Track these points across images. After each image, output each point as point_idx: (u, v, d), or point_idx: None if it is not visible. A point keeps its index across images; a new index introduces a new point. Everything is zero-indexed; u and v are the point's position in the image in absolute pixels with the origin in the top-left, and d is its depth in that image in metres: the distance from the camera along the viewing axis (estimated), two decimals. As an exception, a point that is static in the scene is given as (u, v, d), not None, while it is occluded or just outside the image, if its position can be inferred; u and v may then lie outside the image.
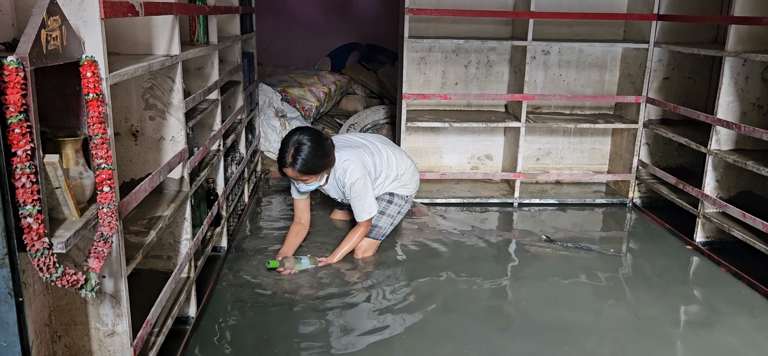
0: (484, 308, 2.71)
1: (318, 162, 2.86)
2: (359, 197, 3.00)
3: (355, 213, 3.07)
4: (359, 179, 2.99)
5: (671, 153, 4.12)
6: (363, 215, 3.05)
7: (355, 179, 2.98)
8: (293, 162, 2.82)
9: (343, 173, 3.00)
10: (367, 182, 3.02)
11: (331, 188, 3.13)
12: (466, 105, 4.29)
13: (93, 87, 1.45)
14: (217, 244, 3.04)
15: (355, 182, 2.98)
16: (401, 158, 3.30)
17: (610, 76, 4.26)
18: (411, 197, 3.35)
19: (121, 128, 2.14)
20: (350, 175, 2.98)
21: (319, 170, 2.90)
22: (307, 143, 2.83)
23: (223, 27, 3.42)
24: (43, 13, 1.29)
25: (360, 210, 3.04)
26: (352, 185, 2.98)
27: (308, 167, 2.84)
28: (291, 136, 2.87)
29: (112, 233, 1.50)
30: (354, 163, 3.00)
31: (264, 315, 2.57)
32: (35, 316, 1.55)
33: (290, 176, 2.91)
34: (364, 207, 3.03)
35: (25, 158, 1.25)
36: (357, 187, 2.99)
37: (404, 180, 3.28)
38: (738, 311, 2.73)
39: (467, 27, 4.10)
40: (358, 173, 2.99)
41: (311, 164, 2.84)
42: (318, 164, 2.87)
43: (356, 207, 3.04)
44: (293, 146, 2.82)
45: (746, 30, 3.15)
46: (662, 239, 3.57)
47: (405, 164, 3.31)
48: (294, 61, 5.86)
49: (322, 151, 2.87)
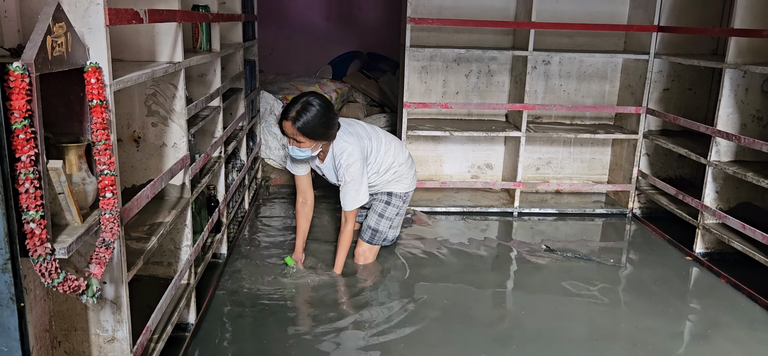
0: (483, 317, 2.71)
1: (318, 129, 2.82)
2: (353, 181, 2.96)
3: (344, 201, 3.00)
4: (356, 163, 2.96)
5: (671, 164, 4.12)
6: (351, 204, 2.99)
7: (352, 162, 2.95)
8: (296, 118, 2.78)
9: (341, 154, 2.97)
10: (363, 169, 2.99)
11: (327, 167, 3.09)
12: (467, 114, 4.30)
13: (97, 93, 1.45)
14: (218, 251, 3.04)
15: (352, 164, 2.95)
16: (399, 150, 3.27)
17: (611, 87, 4.28)
18: (408, 195, 3.32)
19: (123, 134, 2.15)
20: (348, 157, 2.95)
21: (317, 137, 2.85)
22: (316, 106, 2.81)
23: (225, 35, 3.44)
24: (48, 19, 1.30)
25: (350, 198, 2.98)
26: (348, 167, 2.95)
27: (308, 129, 2.80)
28: (302, 95, 2.86)
29: (113, 239, 1.50)
30: (353, 146, 2.97)
31: (263, 322, 2.57)
32: (36, 321, 1.55)
33: (287, 133, 2.85)
34: (356, 194, 2.98)
35: (29, 164, 1.25)
36: (353, 170, 2.95)
37: (401, 172, 3.24)
38: (737, 323, 2.73)
39: (468, 37, 4.12)
40: (356, 155, 2.96)
41: (311, 127, 2.80)
42: (317, 131, 2.83)
43: (347, 193, 2.98)
44: (301, 103, 2.80)
45: (746, 42, 3.17)
46: (662, 249, 3.57)
47: (403, 157, 3.28)
48: (295, 69, 5.87)
49: (326, 120, 2.84)
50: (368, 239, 3.19)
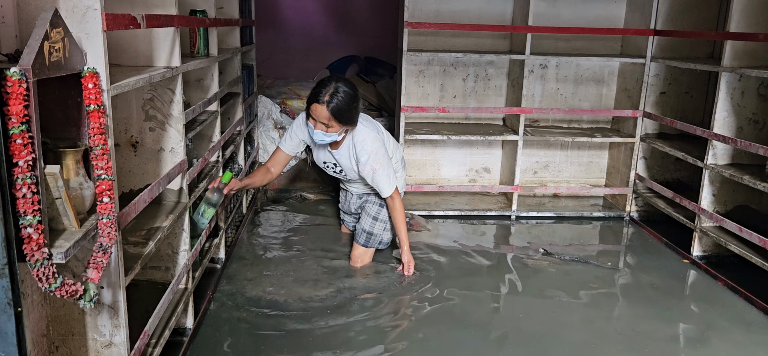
0: (480, 321, 2.71)
1: (347, 113, 2.85)
2: (382, 167, 3.00)
3: (381, 188, 3.04)
4: (380, 148, 3.01)
5: (668, 167, 4.13)
6: (389, 188, 3.03)
7: (377, 148, 2.99)
8: (330, 101, 2.79)
9: (363, 141, 2.99)
10: (386, 153, 3.05)
11: (342, 155, 3.09)
12: (464, 118, 4.31)
13: (94, 98, 1.46)
14: (215, 255, 3.04)
15: (377, 150, 2.99)
16: (396, 148, 3.35)
17: (608, 91, 4.29)
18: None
19: (121, 139, 2.15)
20: (372, 142, 2.99)
21: (345, 122, 2.88)
22: (347, 89, 2.83)
23: (223, 39, 3.45)
24: (46, 24, 1.31)
25: (385, 183, 3.02)
26: (374, 153, 2.98)
27: (340, 112, 2.82)
28: (331, 79, 2.87)
29: (111, 243, 1.51)
30: (373, 132, 3.03)
31: (261, 327, 2.57)
32: (33, 326, 1.55)
33: (316, 116, 2.85)
34: (389, 177, 3.03)
35: (26, 169, 1.26)
36: (379, 156, 2.99)
37: (396, 169, 3.27)
38: (734, 325, 2.73)
39: (466, 41, 4.13)
40: (378, 141, 3.02)
41: (343, 111, 2.83)
42: (346, 115, 2.86)
43: (381, 180, 3.01)
44: (333, 87, 2.81)
45: (742, 46, 3.18)
46: (659, 253, 3.57)
47: (398, 155, 3.36)
48: (293, 74, 5.88)
49: (355, 104, 2.89)
50: (363, 243, 3.19)
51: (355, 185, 3.35)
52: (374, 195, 3.24)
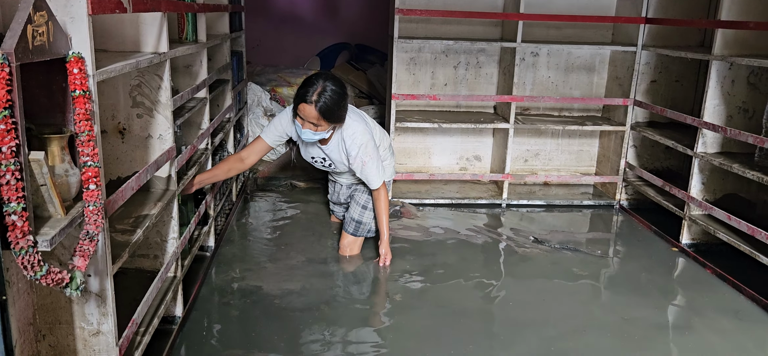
0: (471, 308, 2.72)
1: (336, 112, 2.84)
2: (371, 159, 3.00)
3: (370, 181, 3.04)
4: (369, 141, 3.00)
5: (658, 156, 4.15)
6: (378, 180, 3.04)
7: (366, 141, 2.99)
8: (318, 100, 2.77)
9: (353, 135, 2.99)
10: (375, 145, 3.06)
11: (332, 150, 3.08)
12: (456, 106, 4.30)
13: (80, 84, 1.43)
14: (205, 243, 3.02)
15: (366, 143, 2.98)
16: (383, 136, 3.35)
17: (598, 79, 4.29)
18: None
19: (108, 125, 2.12)
20: (361, 136, 2.99)
21: (333, 121, 2.87)
22: (335, 88, 2.81)
23: (212, 25, 3.41)
24: (29, 8, 1.28)
25: (374, 175, 3.02)
26: (363, 146, 2.98)
27: (329, 111, 2.80)
28: (318, 77, 2.83)
29: (97, 231, 1.49)
30: (361, 125, 3.02)
31: (251, 315, 2.56)
32: (19, 315, 1.54)
33: (304, 116, 2.83)
34: (378, 170, 3.03)
35: (9, 155, 1.23)
36: (369, 149, 2.99)
37: (384, 157, 3.27)
38: (722, 313, 2.75)
39: (457, 28, 4.11)
40: (367, 134, 3.01)
41: (332, 110, 2.81)
42: (335, 114, 2.84)
43: (370, 172, 3.01)
44: (321, 86, 2.79)
45: (732, 34, 3.18)
46: (648, 241, 3.59)
47: (386, 143, 3.36)
48: (283, 61, 5.85)
49: (343, 103, 2.87)
50: (352, 232, 3.18)
51: (344, 177, 3.34)
52: (363, 185, 3.23)
